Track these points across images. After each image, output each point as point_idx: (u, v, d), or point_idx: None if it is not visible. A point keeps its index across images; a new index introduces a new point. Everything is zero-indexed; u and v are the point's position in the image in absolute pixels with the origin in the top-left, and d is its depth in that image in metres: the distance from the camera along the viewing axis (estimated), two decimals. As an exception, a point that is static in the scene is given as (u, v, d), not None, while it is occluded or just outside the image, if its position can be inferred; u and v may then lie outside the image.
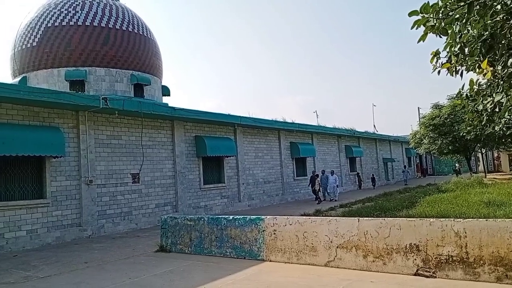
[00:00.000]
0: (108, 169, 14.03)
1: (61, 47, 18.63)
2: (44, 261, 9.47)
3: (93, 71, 18.91)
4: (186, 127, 17.26)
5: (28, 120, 11.95)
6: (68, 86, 18.39)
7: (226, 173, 19.10)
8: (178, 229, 9.55)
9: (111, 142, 14.22)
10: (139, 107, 14.39)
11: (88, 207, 13.14)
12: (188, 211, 16.57)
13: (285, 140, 23.54)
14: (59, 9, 19.30)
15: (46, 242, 11.94)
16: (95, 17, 19.34)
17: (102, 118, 13.97)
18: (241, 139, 20.25)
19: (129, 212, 14.57)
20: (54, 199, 12.41)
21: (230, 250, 8.54)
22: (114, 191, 14.15)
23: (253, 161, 21.04)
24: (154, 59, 21.42)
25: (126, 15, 20.54)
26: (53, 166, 12.45)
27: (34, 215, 11.87)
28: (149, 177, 15.47)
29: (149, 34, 21.64)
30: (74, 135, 13.11)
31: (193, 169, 17.41)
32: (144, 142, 15.30)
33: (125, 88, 19.57)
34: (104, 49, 19.15)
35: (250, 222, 8.37)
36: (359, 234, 6.94)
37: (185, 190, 16.76)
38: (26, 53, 19.00)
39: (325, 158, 27.62)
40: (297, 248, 7.62)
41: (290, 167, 23.79)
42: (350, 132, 30.05)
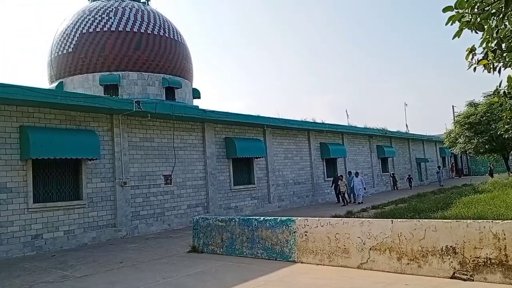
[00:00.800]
0: (141, 171, 14.34)
1: (95, 53, 19.22)
2: (81, 261, 9.77)
3: (126, 75, 19.40)
4: (216, 129, 17.43)
5: (65, 124, 12.38)
6: (102, 90, 18.94)
7: (256, 174, 19.16)
8: (210, 230, 9.65)
9: (144, 145, 14.54)
10: (170, 110, 14.65)
11: (122, 208, 13.48)
12: (219, 212, 16.72)
13: (315, 140, 23.38)
14: (93, 16, 19.90)
15: (82, 242, 12.32)
16: (127, 23, 19.84)
17: (135, 121, 14.30)
18: (271, 140, 20.27)
19: (162, 213, 14.84)
20: (90, 201, 12.79)
21: (261, 251, 8.56)
22: (147, 192, 14.45)
23: (283, 162, 21.01)
24: (184, 63, 21.75)
25: (158, 20, 20.96)
26: (89, 168, 12.84)
27: (71, 216, 12.27)
28: (181, 179, 15.71)
29: (179, 38, 21.99)
30: (109, 138, 13.47)
31: (223, 171, 17.56)
32: (176, 144, 15.55)
33: (157, 91, 19.97)
34: (137, 53, 19.61)
35: (281, 223, 8.36)
36: (392, 236, 6.82)
37: (215, 191, 16.93)
38: (62, 59, 19.69)
39: (356, 159, 27.26)
40: (329, 250, 7.55)
41: (320, 168, 23.60)
42: (381, 132, 29.54)
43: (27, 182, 11.36)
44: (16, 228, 11.07)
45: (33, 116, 11.70)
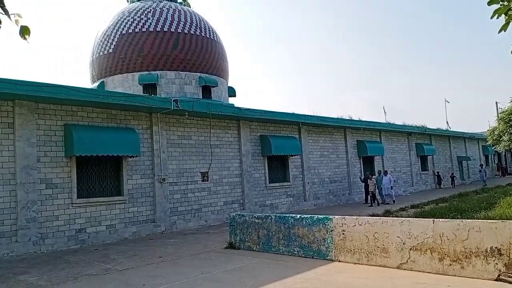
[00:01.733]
0: (179, 168, 14.63)
1: (134, 53, 19.74)
2: (122, 254, 10.10)
3: (164, 74, 19.83)
4: (251, 127, 17.52)
5: (106, 122, 12.80)
6: (141, 89, 19.44)
7: (291, 172, 19.12)
8: (246, 227, 9.73)
9: (181, 142, 14.82)
10: (207, 108, 14.86)
11: (161, 204, 13.81)
12: (255, 209, 16.81)
13: (351, 138, 23.05)
14: (132, 17, 20.44)
15: (123, 237, 12.72)
16: (165, 23, 20.25)
17: (173, 119, 14.60)
18: (306, 138, 20.16)
19: (199, 209, 15.09)
20: (131, 196, 13.18)
21: (298, 249, 8.56)
22: (185, 189, 14.73)
23: (318, 160, 20.85)
24: (220, 61, 21.97)
25: (194, 19, 21.27)
26: (129, 165, 13.23)
27: (112, 211, 12.70)
28: (217, 176, 15.91)
29: (216, 37, 22.22)
30: (148, 136, 13.83)
31: (258, 168, 17.63)
32: (212, 142, 15.75)
33: (193, 90, 20.29)
34: (174, 53, 19.99)
35: (318, 221, 8.32)
36: (434, 236, 6.65)
37: (251, 188, 17.03)
38: (103, 59, 20.35)
39: (394, 157, 26.67)
40: (367, 249, 7.45)
41: (357, 166, 23.25)
42: (421, 129, 28.74)
43: (71, 178, 11.85)
44: (61, 222, 11.57)
45: (76, 115, 12.17)
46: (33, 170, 11.04)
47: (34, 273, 8.42)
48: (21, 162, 10.86)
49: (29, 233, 10.82)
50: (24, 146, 10.95)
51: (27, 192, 10.86)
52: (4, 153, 10.70)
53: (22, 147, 10.91)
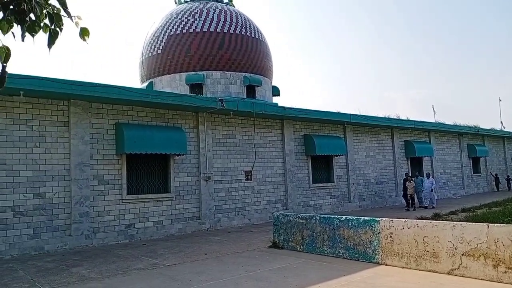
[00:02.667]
0: (224, 166, 14.83)
1: (182, 53, 20.22)
2: (168, 250, 10.37)
3: (210, 74, 20.16)
4: (295, 126, 17.45)
5: (155, 121, 13.19)
6: (188, 89, 19.88)
7: (335, 173, 18.87)
8: (290, 227, 9.71)
9: (226, 141, 15.01)
10: (251, 107, 14.95)
11: (206, 201, 14.06)
12: (298, 209, 16.74)
13: (398, 138, 22.42)
14: (180, 18, 20.93)
15: (170, 233, 13.06)
16: (211, 23, 20.59)
17: (219, 118, 14.81)
18: (351, 138, 19.82)
19: (243, 207, 15.23)
20: (177, 194, 13.51)
21: (343, 251, 8.44)
22: (229, 187, 14.91)
23: (364, 160, 20.43)
24: (265, 61, 22.04)
25: (240, 20, 21.48)
26: (176, 163, 13.56)
27: (160, 208, 13.07)
28: (261, 175, 15.98)
29: (260, 36, 22.32)
30: (194, 135, 14.12)
31: (302, 168, 17.54)
32: (256, 141, 15.84)
33: (238, 89, 20.49)
34: (220, 53, 20.29)
35: (364, 223, 8.17)
36: (488, 242, 6.34)
37: (294, 188, 16.97)
38: (152, 60, 20.98)
39: (444, 158, 25.66)
40: (416, 253, 7.22)
41: (405, 167, 22.57)
42: (473, 129, 27.46)
43: (121, 175, 12.31)
44: (112, 218, 12.05)
45: (127, 114, 12.62)
46: (86, 167, 11.57)
47: (86, 266, 8.82)
48: (75, 159, 11.40)
49: (82, 227, 11.35)
50: (78, 144, 11.49)
51: (80, 188, 11.40)
52: (60, 150, 11.28)
53: (76, 144, 11.46)
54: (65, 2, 2.84)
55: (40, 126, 11.01)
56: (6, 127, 10.49)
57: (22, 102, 10.74)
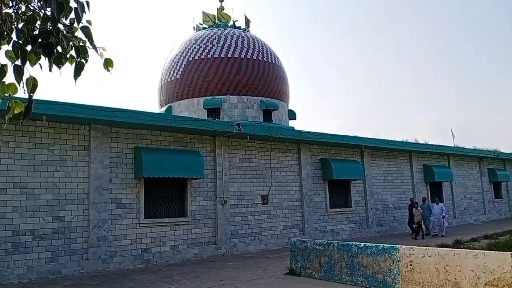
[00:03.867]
0: (240, 190, 14.81)
1: (200, 78, 20.57)
2: (184, 276, 10.30)
3: (227, 99, 20.41)
4: (312, 150, 17.41)
5: (173, 145, 13.34)
6: (206, 113, 20.12)
7: (353, 197, 18.65)
8: (307, 253, 9.58)
9: (243, 165, 15.04)
10: (268, 131, 15.01)
11: (222, 226, 14.00)
12: (315, 235, 16.51)
13: (417, 162, 22.12)
14: (198, 44, 21.39)
15: (186, 258, 13.00)
16: (229, 49, 20.97)
17: (235, 142, 14.90)
18: (369, 162, 19.64)
19: (259, 232, 15.10)
20: (194, 218, 13.51)
21: (362, 279, 8.26)
22: (245, 211, 14.84)
23: (382, 185, 20.16)
24: (281, 85, 22.23)
25: (256, 45, 21.83)
26: (193, 187, 13.61)
27: (176, 232, 13.06)
28: (277, 199, 15.89)
29: (277, 61, 22.60)
30: (211, 159, 14.20)
31: (319, 192, 17.39)
32: (273, 165, 15.82)
33: (255, 113, 20.64)
34: (237, 78, 20.58)
35: (383, 251, 8.01)
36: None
37: (311, 213, 16.80)
38: (171, 85, 21.38)
39: (464, 183, 25.14)
40: (437, 283, 7.03)
41: (424, 192, 22.17)
42: (493, 153, 26.94)
43: (139, 199, 12.39)
44: (129, 242, 12.08)
45: (146, 138, 12.81)
46: (105, 191, 11.70)
47: (103, 290, 8.81)
48: (95, 182, 11.56)
49: (99, 251, 11.39)
50: (98, 168, 11.66)
51: (98, 212, 11.50)
52: (80, 174, 11.45)
53: (96, 168, 11.63)
54: (91, 35, 2.95)
55: (61, 150, 11.23)
56: (28, 151, 10.74)
57: (44, 126, 11.01)
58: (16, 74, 2.71)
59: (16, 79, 2.73)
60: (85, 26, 2.91)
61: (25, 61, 2.74)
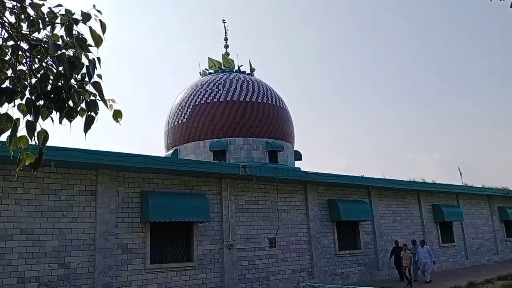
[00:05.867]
0: (247, 233, 14.63)
1: (206, 122, 20.89)
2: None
3: (233, 141, 20.61)
4: (318, 191, 17.31)
5: (179, 188, 13.35)
6: (212, 155, 20.25)
7: (362, 239, 18.32)
8: (317, 299, 9.33)
9: (249, 207, 14.94)
10: (274, 173, 15.02)
11: (229, 270, 13.73)
12: (324, 278, 16.11)
13: (426, 202, 21.84)
14: (204, 89, 21.88)
15: (192, 304, 12.66)
16: (234, 93, 21.41)
17: (242, 184, 14.88)
18: (377, 202, 19.43)
19: (267, 277, 14.77)
20: (200, 262, 13.29)
21: (374, 326, 7.98)
22: (252, 255, 14.59)
23: (391, 225, 19.84)
24: (286, 127, 22.47)
25: (261, 88, 22.29)
26: (199, 231, 13.49)
27: (182, 277, 12.82)
28: (285, 242, 15.64)
29: (281, 103, 22.97)
30: (218, 201, 14.15)
31: (327, 234, 17.12)
32: (280, 207, 15.70)
33: (260, 155, 20.75)
34: (242, 120, 20.87)
35: (394, 295, 7.78)
36: (530, 318, 5.92)
37: (320, 255, 16.47)
38: (177, 128, 21.69)
39: (475, 222, 24.66)
40: (453, 329, 6.77)
41: (434, 232, 21.76)
42: (503, 192, 26.60)
43: (145, 243, 12.27)
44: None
45: (152, 182, 12.85)
46: (111, 236, 11.62)
47: None
48: (101, 228, 11.50)
49: (105, 298, 11.16)
50: (104, 213, 11.65)
51: (104, 257, 11.38)
52: (86, 220, 11.43)
53: (102, 213, 11.62)
54: (102, 90, 3.05)
55: (69, 196, 11.28)
56: (36, 197, 10.79)
57: (52, 172, 11.11)
58: (28, 129, 2.80)
59: (28, 134, 2.81)
60: (96, 81, 3.01)
61: (37, 117, 2.83)
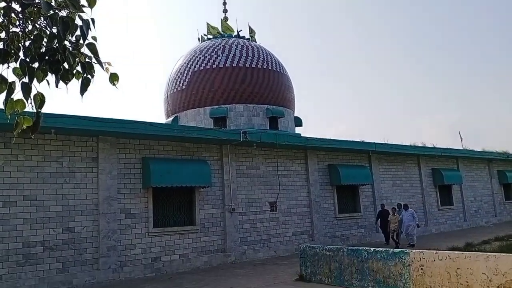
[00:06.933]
0: (248, 198, 14.83)
1: (205, 88, 20.72)
2: (195, 284, 10.33)
3: (233, 107, 20.53)
4: (319, 156, 17.40)
5: (180, 155, 13.42)
6: (212, 122, 20.23)
7: (361, 202, 18.58)
8: (317, 259, 9.56)
9: (250, 172, 15.07)
10: (274, 138, 15.06)
11: (231, 234, 14.02)
12: (324, 240, 16.45)
13: (425, 166, 21.99)
14: (203, 55, 21.57)
15: (195, 266, 13.02)
16: (234, 59, 21.12)
17: (242, 150, 14.95)
18: (377, 167, 19.57)
19: (268, 239, 15.09)
20: (202, 226, 13.55)
21: (373, 284, 8.23)
22: (253, 218, 14.85)
23: (391, 189, 20.07)
24: (287, 93, 22.32)
25: (261, 54, 21.97)
26: (201, 196, 13.67)
27: (185, 241, 13.10)
28: (285, 206, 15.88)
29: (282, 69, 22.70)
30: (219, 167, 14.26)
31: (327, 198, 17.35)
32: (280, 172, 15.83)
33: (261, 121, 20.72)
34: (242, 87, 20.69)
35: (393, 255, 7.98)
36: (524, 274, 6.08)
37: (320, 219, 16.75)
38: (177, 95, 21.55)
39: (474, 185, 24.93)
40: (449, 286, 6.99)
41: (433, 195, 22.03)
42: (503, 155, 26.69)
43: (148, 208, 12.47)
44: (138, 251, 12.13)
45: (153, 148, 12.91)
46: (114, 201, 11.79)
47: (114, 300, 8.86)
48: (103, 193, 11.66)
49: (109, 261, 11.46)
50: (106, 179, 11.77)
51: (108, 222, 11.59)
52: (89, 185, 11.56)
53: (104, 179, 11.74)
54: (97, 52, 3.01)
55: (70, 162, 11.36)
56: (37, 164, 10.87)
57: (53, 139, 11.14)
58: (24, 91, 2.78)
59: (24, 95, 2.79)
60: (91, 43, 2.96)
61: (32, 78, 2.81)
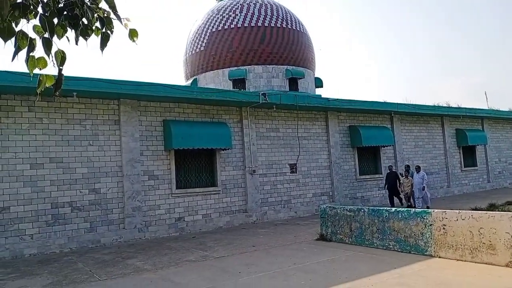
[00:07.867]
0: (268, 159, 14.88)
1: (224, 49, 20.42)
2: (217, 242, 10.58)
3: (252, 69, 20.26)
4: (340, 118, 17.19)
5: (200, 117, 13.45)
6: (231, 84, 20.07)
7: (383, 164, 18.43)
8: (338, 219, 9.62)
9: (270, 135, 15.05)
10: (294, 100, 14.88)
11: (252, 194, 14.19)
12: (345, 202, 16.52)
13: (449, 127, 21.53)
14: (221, 14, 21.12)
15: (218, 226, 13.31)
16: (252, 18, 20.62)
17: (262, 112, 14.86)
18: (399, 128, 19.26)
19: (289, 200, 15.23)
20: (224, 187, 13.73)
21: (393, 243, 8.26)
22: (274, 180, 14.95)
23: (413, 150, 19.81)
24: (307, 53, 21.81)
25: (280, 12, 21.37)
26: (222, 158, 13.78)
27: (208, 201, 13.34)
28: (306, 167, 15.89)
29: (302, 28, 22.10)
30: (239, 129, 14.26)
31: (348, 160, 17.27)
32: (300, 134, 15.75)
33: (280, 82, 20.45)
34: (261, 47, 20.30)
35: (415, 215, 7.95)
36: (551, 233, 5.99)
37: (340, 180, 16.75)
38: (196, 57, 21.34)
39: (499, 146, 24.38)
40: (471, 245, 6.95)
41: (457, 156, 21.67)
42: (530, 115, 25.87)
43: (170, 170, 12.66)
44: (162, 211, 12.44)
45: (174, 111, 12.95)
46: (137, 163, 12.00)
47: (140, 258, 9.19)
48: (127, 155, 11.86)
49: (135, 221, 11.80)
50: (129, 141, 11.93)
51: (132, 183, 11.85)
52: (112, 148, 11.76)
53: (127, 142, 11.91)
54: (115, 6, 2.95)
55: (93, 125, 11.52)
56: (61, 126, 11.06)
57: (75, 102, 11.27)
58: (45, 46, 2.76)
59: (46, 51, 2.77)
60: (109, -4, 2.91)
61: (52, 34, 2.78)
